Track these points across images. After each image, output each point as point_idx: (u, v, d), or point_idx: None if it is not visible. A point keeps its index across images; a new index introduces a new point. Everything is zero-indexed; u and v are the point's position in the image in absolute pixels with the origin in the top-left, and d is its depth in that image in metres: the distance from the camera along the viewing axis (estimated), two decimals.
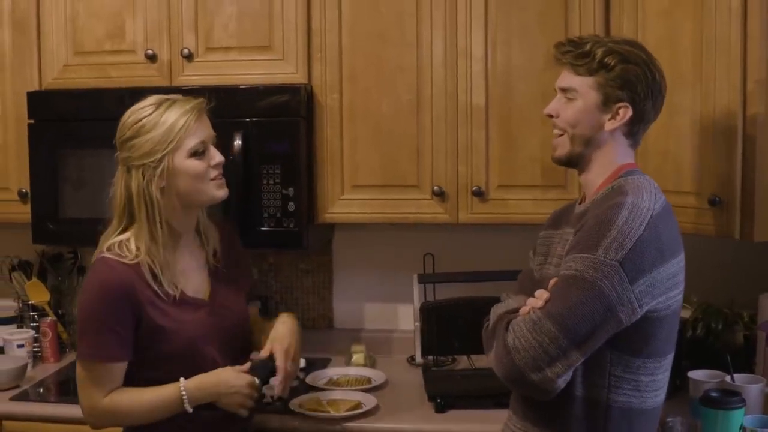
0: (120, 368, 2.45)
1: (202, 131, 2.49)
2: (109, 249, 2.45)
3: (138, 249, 2.44)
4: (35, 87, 3.37)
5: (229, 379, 2.48)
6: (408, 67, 3.17)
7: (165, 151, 2.42)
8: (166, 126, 2.43)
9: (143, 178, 2.43)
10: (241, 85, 3.20)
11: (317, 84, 3.22)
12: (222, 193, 2.54)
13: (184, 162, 2.45)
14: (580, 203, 2.36)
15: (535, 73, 3.07)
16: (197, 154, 2.47)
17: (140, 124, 2.45)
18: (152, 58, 3.28)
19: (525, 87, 3.10)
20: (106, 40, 3.32)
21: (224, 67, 3.25)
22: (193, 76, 3.26)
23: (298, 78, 3.21)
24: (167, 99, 2.49)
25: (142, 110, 2.47)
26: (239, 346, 2.66)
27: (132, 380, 2.47)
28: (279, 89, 3.16)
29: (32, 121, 3.29)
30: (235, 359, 2.58)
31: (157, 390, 2.45)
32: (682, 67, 2.72)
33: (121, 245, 2.45)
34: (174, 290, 2.49)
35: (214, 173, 2.51)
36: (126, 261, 2.43)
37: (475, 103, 3.13)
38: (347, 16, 3.19)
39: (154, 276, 2.45)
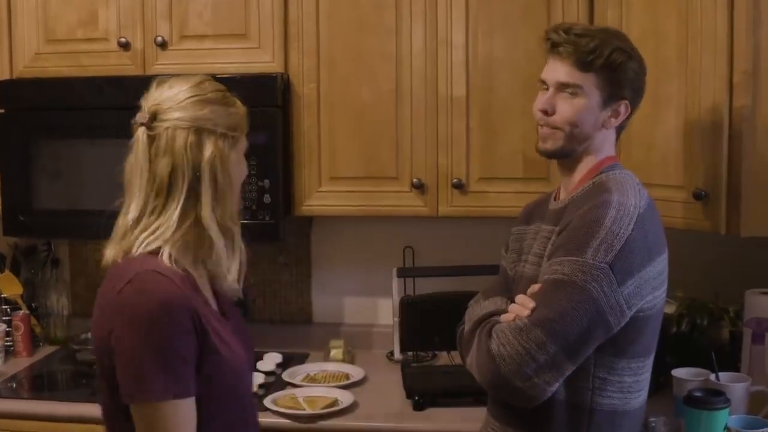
0: (191, 409, 1.86)
1: None
2: (148, 254, 1.89)
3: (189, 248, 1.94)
4: (6, 76, 3.30)
5: None
6: (387, 56, 3.10)
7: (239, 133, 1.99)
8: (243, 111, 2.02)
9: (219, 151, 1.91)
10: (216, 74, 3.07)
11: (294, 73, 3.15)
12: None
13: (242, 158, 2.01)
14: (555, 198, 2.30)
15: (518, 63, 3.01)
16: (245, 156, 2.04)
17: (224, 94, 2.00)
18: (125, 46, 3.20)
19: (507, 78, 3.04)
20: (78, 27, 3.24)
21: (199, 55, 3.18)
22: (167, 65, 3.18)
23: (274, 67, 3.14)
24: None
25: (219, 83, 2.03)
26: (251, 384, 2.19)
27: None
28: (254, 78, 3.09)
29: (2, 111, 3.22)
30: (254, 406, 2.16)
31: None
32: (667, 59, 2.66)
33: (160, 246, 1.90)
34: (212, 305, 2.01)
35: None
36: (176, 267, 1.90)
37: (455, 93, 3.06)
38: (324, 4, 3.12)
39: (202, 285, 1.97)
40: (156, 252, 1.89)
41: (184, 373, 1.84)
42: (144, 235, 1.90)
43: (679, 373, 2.74)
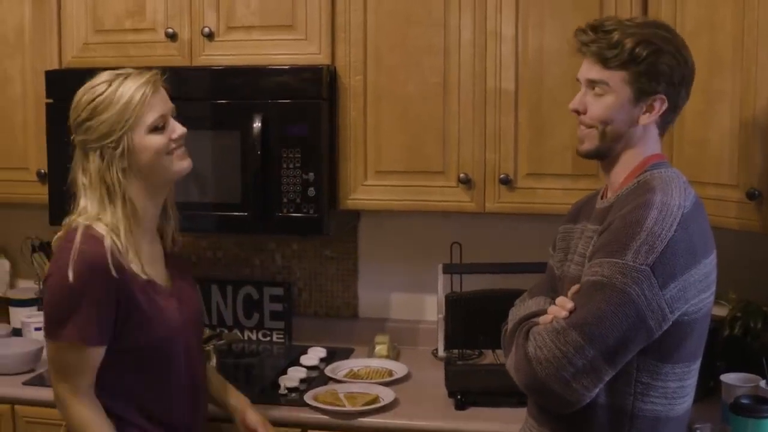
0: (98, 354, 2.26)
1: (161, 105, 2.34)
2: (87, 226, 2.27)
3: (110, 232, 2.27)
4: (55, 65, 3.32)
5: None
6: (435, 48, 3.04)
7: (123, 130, 2.27)
8: (121, 103, 2.27)
9: (102, 161, 2.28)
10: (263, 65, 3.11)
11: (341, 65, 3.11)
12: (185, 164, 2.39)
13: (143, 139, 2.30)
14: (602, 197, 2.23)
15: (568, 56, 2.85)
16: (157, 129, 2.32)
17: (94, 104, 2.29)
18: (172, 36, 3.20)
19: (557, 71, 2.96)
20: (126, 17, 3.25)
21: (246, 46, 3.16)
22: (214, 55, 3.18)
23: (321, 59, 3.11)
24: (120, 74, 2.33)
25: (95, 89, 2.31)
26: (200, 338, 2.58)
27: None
28: (300, 70, 3.06)
29: (50, 101, 3.22)
30: (198, 353, 2.52)
31: None
32: (722, 52, 2.58)
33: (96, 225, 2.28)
34: (146, 275, 2.33)
35: (173, 146, 2.35)
36: (108, 236, 2.26)
37: (504, 87, 3.00)
38: None
39: (129, 260, 2.29)
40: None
41: (92, 322, 2.21)
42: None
43: (728, 378, 2.67)
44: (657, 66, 2.06)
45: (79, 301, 2.21)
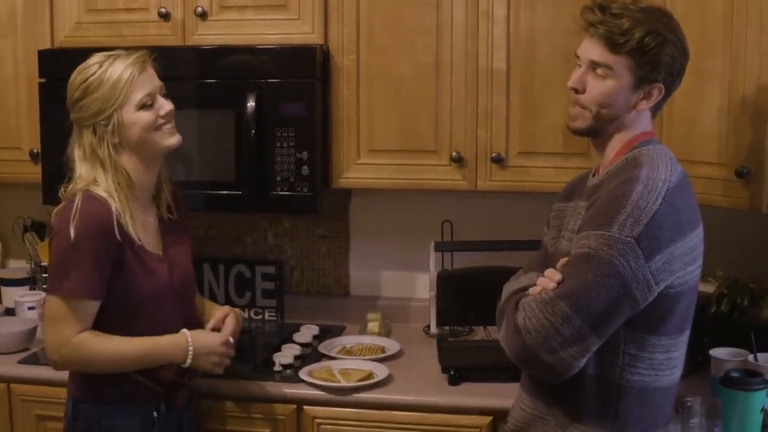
0: (96, 308, 2.46)
1: (148, 83, 2.50)
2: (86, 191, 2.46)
3: (109, 196, 2.46)
4: (47, 45, 3.30)
5: (201, 339, 2.57)
6: (427, 28, 3.06)
7: (113, 108, 2.45)
8: (110, 83, 2.45)
9: (95, 136, 2.48)
10: (256, 45, 3.12)
11: (334, 45, 3.12)
12: (174, 140, 2.56)
13: (132, 115, 2.47)
14: (593, 175, 2.27)
15: (560, 36, 2.95)
16: (145, 106, 2.49)
17: (86, 84, 2.47)
18: (165, 16, 3.19)
19: (549, 51, 2.99)
20: None
21: (239, 26, 3.17)
22: (207, 35, 3.18)
23: (314, 38, 3.12)
24: (110, 55, 2.50)
25: (87, 70, 2.49)
26: (189, 303, 2.72)
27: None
28: (294, 50, 3.08)
29: (43, 80, 3.22)
30: (188, 317, 2.65)
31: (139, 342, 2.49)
32: (712, 33, 2.61)
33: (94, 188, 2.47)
34: (140, 240, 2.51)
35: (162, 122, 2.51)
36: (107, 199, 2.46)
37: (496, 67, 3.02)
38: None
39: (126, 222, 2.47)
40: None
41: (94, 278, 2.41)
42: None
43: (717, 353, 2.71)
44: (660, 56, 2.10)
45: (80, 256, 2.40)
